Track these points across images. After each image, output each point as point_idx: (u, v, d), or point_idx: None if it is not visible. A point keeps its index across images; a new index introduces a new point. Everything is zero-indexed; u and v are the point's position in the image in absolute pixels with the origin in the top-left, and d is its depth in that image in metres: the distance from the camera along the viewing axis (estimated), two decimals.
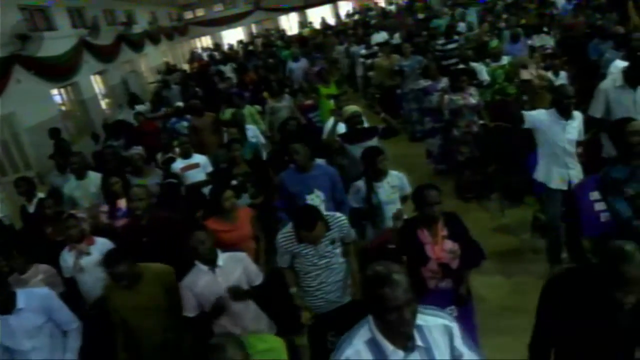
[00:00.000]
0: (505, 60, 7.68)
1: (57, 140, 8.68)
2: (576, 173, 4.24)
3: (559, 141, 4.15)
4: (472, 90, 6.11)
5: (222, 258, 3.34)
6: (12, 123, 8.79)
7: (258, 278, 3.47)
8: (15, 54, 9.05)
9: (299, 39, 18.92)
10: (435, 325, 1.93)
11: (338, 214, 3.51)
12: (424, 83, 7.33)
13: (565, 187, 4.24)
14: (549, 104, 5.03)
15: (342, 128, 5.37)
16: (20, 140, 8.94)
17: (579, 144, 4.28)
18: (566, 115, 4.09)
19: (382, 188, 4.07)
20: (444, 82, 6.79)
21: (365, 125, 5.51)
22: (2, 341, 3.27)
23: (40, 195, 5.69)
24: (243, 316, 3.36)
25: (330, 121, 5.40)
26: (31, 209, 5.53)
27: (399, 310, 1.74)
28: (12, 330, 3.24)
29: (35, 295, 3.38)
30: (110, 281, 3.46)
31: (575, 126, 4.16)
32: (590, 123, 4.55)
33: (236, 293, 3.25)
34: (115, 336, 3.57)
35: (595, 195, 3.97)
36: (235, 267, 3.35)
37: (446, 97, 6.03)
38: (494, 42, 8.90)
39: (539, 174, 4.38)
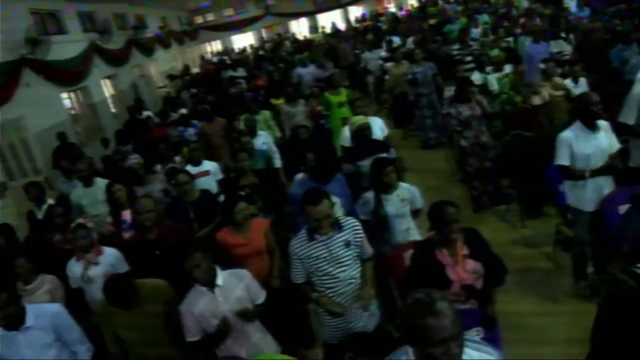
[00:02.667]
0: (507, 69, 7.55)
1: (64, 144, 8.61)
2: (609, 188, 3.99)
3: (589, 158, 3.85)
4: (480, 99, 5.98)
5: (222, 276, 3.16)
6: (21, 127, 8.71)
7: (261, 296, 3.30)
8: (25, 57, 8.99)
9: (307, 43, 18.87)
10: None
11: (353, 219, 3.37)
12: (447, 93, 7.23)
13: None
14: (567, 113, 4.88)
15: (346, 136, 5.22)
16: (28, 145, 8.86)
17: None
18: (592, 125, 3.85)
19: (391, 201, 3.90)
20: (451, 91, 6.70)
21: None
22: (8, 358, 3.14)
23: (50, 201, 5.60)
24: (248, 336, 3.21)
25: (346, 130, 5.26)
26: (40, 214, 5.43)
27: (445, 344, 1.57)
28: (18, 348, 3.11)
29: (45, 312, 3.24)
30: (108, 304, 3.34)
31: (603, 137, 3.92)
32: (620, 130, 4.34)
33: (245, 316, 3.10)
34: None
35: (624, 209, 3.77)
36: (236, 286, 3.19)
37: (452, 109, 5.91)
38: (495, 51, 8.73)
39: (572, 198, 4.12)
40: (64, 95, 11.21)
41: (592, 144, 3.85)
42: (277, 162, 6.24)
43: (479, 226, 3.20)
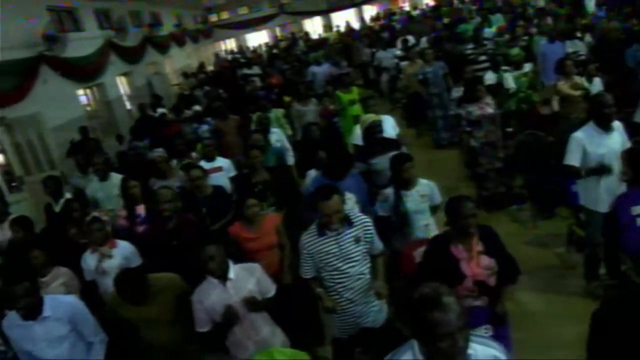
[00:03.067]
0: (527, 67, 7.50)
1: (85, 138, 8.74)
2: (622, 189, 3.93)
3: (603, 157, 3.81)
4: (489, 99, 5.95)
5: (234, 270, 3.21)
6: (38, 123, 8.84)
7: (271, 290, 3.34)
8: (43, 54, 9.12)
9: (321, 41, 18.90)
10: (485, 355, 1.78)
11: (364, 216, 3.40)
12: (455, 94, 7.20)
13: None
14: (584, 112, 4.82)
15: (358, 134, 5.23)
16: (45, 140, 8.99)
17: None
18: (606, 126, 3.83)
19: (411, 197, 3.89)
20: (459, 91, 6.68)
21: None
22: (23, 346, 3.21)
23: (67, 195, 5.69)
24: (258, 329, 3.25)
25: (358, 128, 5.27)
26: (57, 208, 5.53)
27: (451, 337, 1.59)
28: (35, 338, 3.18)
29: (62, 303, 3.30)
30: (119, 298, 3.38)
31: (617, 138, 3.90)
32: (634, 131, 4.30)
33: (251, 304, 3.14)
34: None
35: (637, 209, 3.75)
36: (247, 279, 3.23)
37: (462, 110, 5.90)
38: (515, 50, 8.68)
39: (586, 199, 4.09)
40: (80, 91, 11.35)
41: (605, 144, 3.83)
42: (290, 160, 6.28)
43: (491, 225, 3.19)
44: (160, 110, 11.03)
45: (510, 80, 7.32)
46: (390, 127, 5.53)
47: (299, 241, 3.37)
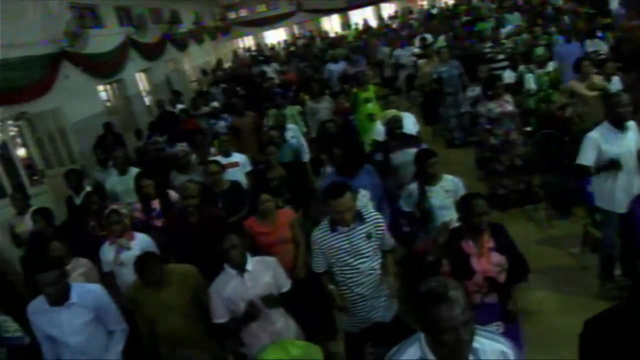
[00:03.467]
0: (551, 66, 7.44)
1: (109, 133, 8.89)
2: (639, 189, 3.91)
3: (619, 157, 3.77)
4: (508, 97, 5.92)
5: (252, 262, 3.27)
6: (59, 117, 9.00)
7: (287, 284, 3.39)
8: (65, 50, 9.28)
9: (338, 39, 18.90)
10: (492, 350, 1.80)
11: (375, 212, 3.42)
12: (470, 93, 7.16)
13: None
14: (600, 114, 4.77)
15: (380, 131, 5.26)
16: (66, 135, 9.15)
17: None
18: (620, 125, 3.81)
19: (436, 192, 3.88)
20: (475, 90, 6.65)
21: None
22: (48, 331, 3.29)
23: (88, 188, 5.82)
24: (272, 322, 3.30)
25: (379, 124, 5.31)
26: (78, 201, 5.65)
27: (455, 331, 1.62)
28: (60, 323, 3.25)
29: (88, 291, 3.38)
30: (138, 282, 3.45)
31: (632, 137, 3.88)
32: None
33: (269, 302, 3.19)
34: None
35: None
36: (264, 272, 3.29)
37: (482, 108, 5.87)
38: (540, 50, 8.61)
39: (601, 200, 4.06)
40: (100, 87, 11.52)
41: (620, 143, 3.81)
42: (306, 156, 6.33)
43: (506, 224, 3.20)
44: (180, 106, 11.16)
45: (531, 81, 7.26)
46: (411, 123, 5.58)
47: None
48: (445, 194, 3.88)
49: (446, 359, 1.71)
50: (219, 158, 5.65)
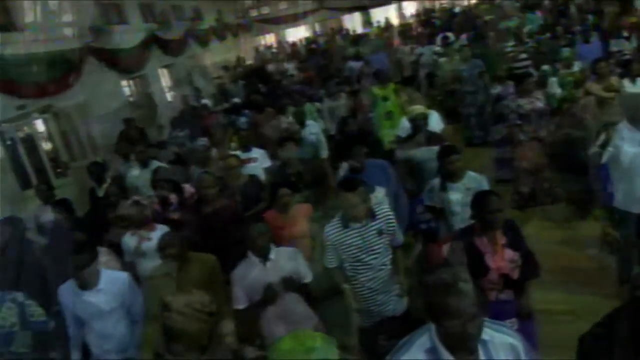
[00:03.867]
0: (576, 67, 7.34)
1: (129, 127, 9.04)
2: None
3: (637, 156, 3.76)
4: (539, 94, 5.86)
5: (275, 252, 3.34)
6: (84, 112, 9.18)
7: (308, 275, 3.45)
8: (90, 45, 9.46)
9: (359, 37, 18.86)
10: (501, 342, 1.82)
11: (386, 208, 3.45)
12: (494, 91, 7.12)
13: None
14: (617, 115, 4.72)
15: (405, 126, 5.29)
16: (90, 128, 9.32)
17: None
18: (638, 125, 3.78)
19: (457, 189, 3.86)
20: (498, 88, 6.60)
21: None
22: (77, 312, 3.36)
23: (110, 181, 5.95)
24: (292, 311, 3.34)
25: (404, 121, 5.33)
26: (100, 193, 5.78)
27: (464, 322, 1.65)
28: (86, 307, 3.33)
29: (117, 278, 3.45)
30: (160, 265, 3.55)
31: None
32: None
33: (289, 283, 3.24)
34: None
35: None
36: (286, 262, 3.35)
37: (512, 103, 5.81)
38: (567, 51, 8.50)
39: (620, 201, 4.03)
40: (124, 82, 11.70)
41: (638, 142, 3.78)
42: (324, 152, 6.37)
43: (523, 223, 3.20)
44: (203, 101, 11.29)
45: (555, 85, 7.18)
46: (435, 121, 5.57)
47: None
48: (467, 191, 3.83)
49: (455, 349, 1.74)
50: (238, 153, 5.74)
